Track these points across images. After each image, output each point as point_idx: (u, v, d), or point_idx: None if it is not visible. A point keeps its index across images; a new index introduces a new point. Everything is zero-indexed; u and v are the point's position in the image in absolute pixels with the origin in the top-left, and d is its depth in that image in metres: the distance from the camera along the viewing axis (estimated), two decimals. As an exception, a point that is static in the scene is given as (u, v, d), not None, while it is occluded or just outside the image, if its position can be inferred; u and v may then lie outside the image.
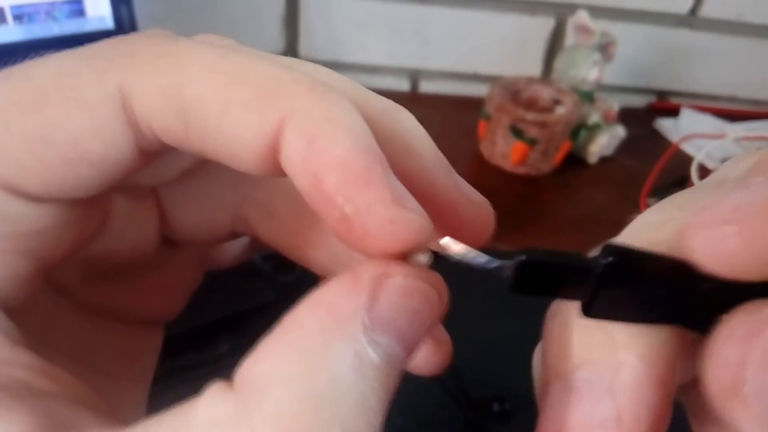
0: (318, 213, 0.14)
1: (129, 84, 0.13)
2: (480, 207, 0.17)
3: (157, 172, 0.17)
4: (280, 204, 0.19)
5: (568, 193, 0.71)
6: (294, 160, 0.13)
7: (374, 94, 0.16)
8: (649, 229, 0.14)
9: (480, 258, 0.14)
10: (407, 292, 0.13)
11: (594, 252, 0.15)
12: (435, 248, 0.14)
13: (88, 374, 0.17)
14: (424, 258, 0.14)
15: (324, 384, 0.12)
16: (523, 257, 0.13)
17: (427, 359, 0.18)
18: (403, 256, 0.14)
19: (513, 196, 0.68)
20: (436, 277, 0.14)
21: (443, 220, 0.16)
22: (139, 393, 0.19)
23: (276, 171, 0.14)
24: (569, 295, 0.13)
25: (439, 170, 0.16)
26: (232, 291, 0.45)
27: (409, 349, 0.13)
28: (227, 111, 0.13)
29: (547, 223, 0.66)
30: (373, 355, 0.12)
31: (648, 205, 0.67)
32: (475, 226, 0.16)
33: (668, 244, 0.13)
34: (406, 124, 0.16)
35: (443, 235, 0.15)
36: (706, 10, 0.84)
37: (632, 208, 0.68)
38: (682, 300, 0.13)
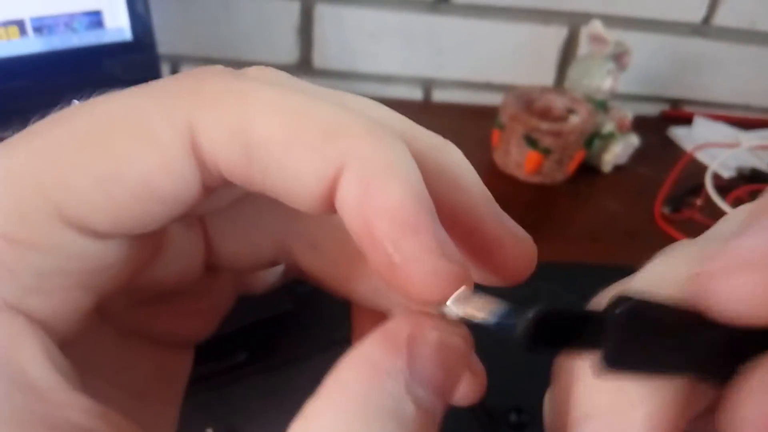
0: (364, 254, 0.14)
1: (197, 122, 0.14)
2: (524, 243, 0.17)
3: (208, 202, 0.18)
4: (324, 236, 0.19)
5: (582, 202, 0.71)
6: (349, 202, 0.14)
7: (423, 129, 0.16)
8: (659, 285, 0.14)
9: (488, 317, 0.14)
10: (443, 347, 0.13)
11: (605, 297, 0.14)
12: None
13: (124, 398, 0.17)
14: (457, 307, 0.14)
15: None
16: (536, 312, 0.12)
17: (465, 392, 0.18)
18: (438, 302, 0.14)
19: (527, 205, 0.68)
20: (464, 329, 0.14)
21: (488, 254, 0.16)
22: (172, 414, 0.20)
23: (329, 210, 0.14)
24: (583, 350, 0.13)
25: (486, 206, 0.16)
26: (250, 300, 0.46)
27: (447, 399, 0.13)
28: (291, 152, 0.14)
29: (561, 231, 0.66)
30: (415, 410, 0.13)
31: (663, 214, 0.67)
32: (518, 262, 0.17)
33: (680, 297, 0.13)
34: (454, 159, 0.16)
35: (485, 273, 0.15)
36: (719, 19, 0.84)
37: (647, 216, 0.68)
38: (696, 350, 0.13)
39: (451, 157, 0.16)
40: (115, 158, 0.14)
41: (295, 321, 0.46)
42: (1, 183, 0.14)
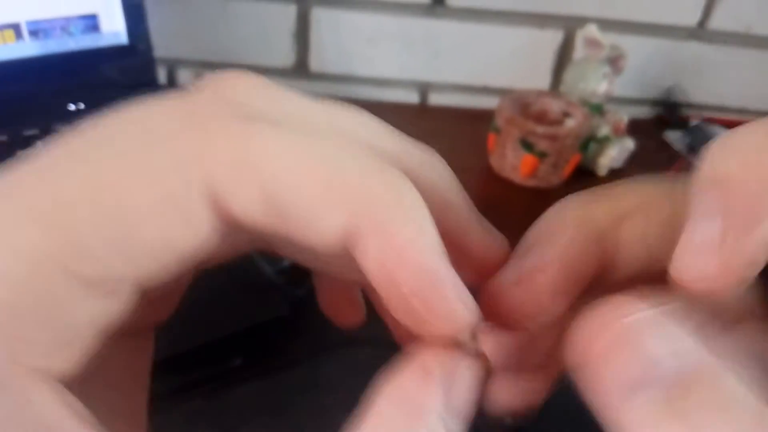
0: (382, 297, 0.15)
1: (216, 179, 0.14)
2: (501, 246, 0.19)
3: None
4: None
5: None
6: (371, 256, 0.14)
7: (412, 143, 0.17)
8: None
9: None
10: (473, 379, 0.15)
11: None
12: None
13: (108, 393, 0.17)
14: (469, 337, 0.16)
15: None
16: None
17: None
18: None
19: (523, 209, 0.68)
20: (486, 357, 0.16)
21: (467, 255, 0.18)
22: (145, 402, 0.20)
23: (343, 252, 0.15)
24: None
25: (471, 219, 0.18)
26: (246, 305, 0.46)
27: (467, 423, 0.15)
28: (311, 206, 0.14)
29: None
30: None
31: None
32: (494, 263, 0.19)
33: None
34: (442, 173, 0.18)
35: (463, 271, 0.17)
36: (715, 23, 0.84)
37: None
38: None
39: (438, 170, 0.18)
40: (132, 221, 0.14)
41: (290, 325, 0.46)
42: (10, 249, 0.13)
